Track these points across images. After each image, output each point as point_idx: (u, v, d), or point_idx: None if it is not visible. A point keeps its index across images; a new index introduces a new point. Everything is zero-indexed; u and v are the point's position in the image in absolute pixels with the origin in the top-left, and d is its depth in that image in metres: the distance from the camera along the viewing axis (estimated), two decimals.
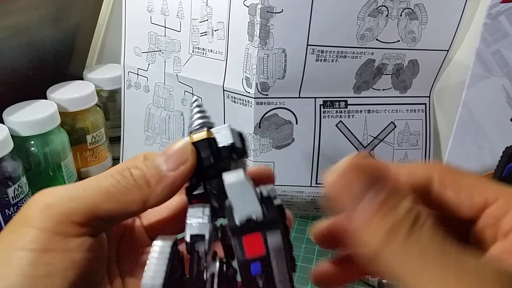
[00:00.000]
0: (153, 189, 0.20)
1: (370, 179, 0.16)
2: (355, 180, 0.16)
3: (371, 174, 0.16)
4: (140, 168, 0.20)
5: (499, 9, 0.33)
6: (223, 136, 0.21)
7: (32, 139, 0.45)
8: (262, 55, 0.42)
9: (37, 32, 0.51)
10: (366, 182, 0.16)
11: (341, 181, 0.17)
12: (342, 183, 0.16)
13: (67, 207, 0.19)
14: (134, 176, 0.20)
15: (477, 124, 0.37)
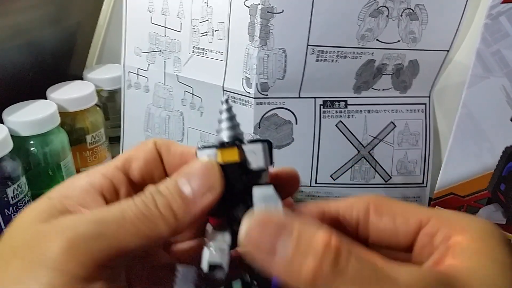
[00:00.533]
0: (180, 221, 0.19)
1: (275, 231, 0.16)
2: (261, 237, 0.16)
3: (275, 225, 0.17)
4: (164, 194, 0.19)
5: (499, 10, 0.33)
6: (254, 158, 0.19)
7: (32, 139, 0.44)
8: (262, 55, 0.42)
9: (37, 32, 0.50)
10: (272, 235, 0.16)
11: (250, 243, 0.17)
12: (252, 244, 0.17)
13: (91, 248, 0.17)
14: (159, 205, 0.19)
15: (477, 124, 0.37)
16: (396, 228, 0.20)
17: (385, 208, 0.20)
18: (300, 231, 0.16)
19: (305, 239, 0.16)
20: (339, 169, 0.47)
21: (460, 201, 0.40)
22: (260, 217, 0.17)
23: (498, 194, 0.38)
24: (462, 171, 0.39)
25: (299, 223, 0.17)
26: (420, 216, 0.19)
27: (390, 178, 0.47)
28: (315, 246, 0.16)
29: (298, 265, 0.16)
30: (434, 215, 0.19)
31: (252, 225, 0.17)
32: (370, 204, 0.20)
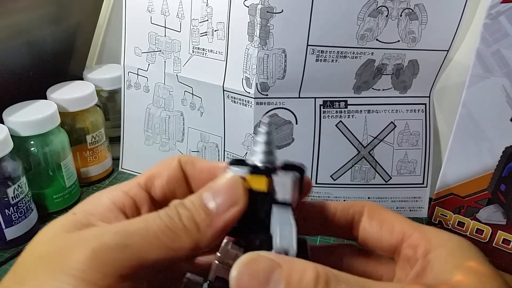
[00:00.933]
0: (203, 234, 0.19)
1: (264, 275, 0.17)
2: (251, 283, 0.17)
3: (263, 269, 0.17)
4: (188, 207, 0.19)
5: (499, 9, 0.33)
6: (282, 190, 0.20)
7: (32, 139, 0.45)
8: (262, 55, 0.42)
9: (37, 32, 0.51)
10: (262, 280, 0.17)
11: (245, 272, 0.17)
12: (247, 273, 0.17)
13: (115, 259, 0.17)
14: (183, 218, 0.19)
15: (477, 124, 0.37)
16: (381, 235, 0.22)
17: (377, 214, 0.22)
18: (290, 269, 0.17)
19: (295, 277, 0.17)
20: (339, 169, 0.47)
21: (460, 201, 0.40)
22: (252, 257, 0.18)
23: (498, 194, 0.38)
24: (462, 172, 0.39)
25: (288, 264, 0.17)
26: (405, 229, 0.21)
27: (390, 178, 0.47)
28: (306, 281, 0.16)
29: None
30: (417, 230, 0.21)
31: (244, 262, 0.17)
32: (365, 207, 0.23)
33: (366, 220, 0.23)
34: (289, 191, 0.20)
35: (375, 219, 0.22)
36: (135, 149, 0.55)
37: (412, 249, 0.21)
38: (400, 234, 0.21)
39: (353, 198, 0.48)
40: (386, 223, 0.22)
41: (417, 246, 0.20)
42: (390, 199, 0.48)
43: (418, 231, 0.21)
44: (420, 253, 0.20)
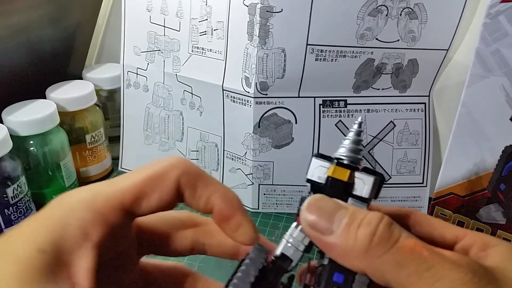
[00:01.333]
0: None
1: (332, 208, 0.19)
2: (320, 211, 0.19)
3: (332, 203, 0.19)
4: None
5: (498, 9, 0.33)
6: (361, 186, 0.20)
7: (31, 139, 0.45)
8: (262, 55, 0.42)
9: (37, 32, 0.51)
10: (329, 211, 0.19)
11: (310, 215, 0.19)
12: (312, 218, 0.19)
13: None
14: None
15: (477, 123, 0.37)
16: (433, 239, 0.21)
17: (425, 221, 0.22)
18: (354, 210, 0.18)
19: (360, 215, 0.18)
20: None
21: (460, 200, 0.40)
22: (321, 196, 0.19)
23: (498, 194, 0.38)
24: (461, 171, 0.39)
25: (353, 207, 0.19)
26: (457, 232, 0.21)
27: (390, 177, 0.47)
28: (369, 219, 0.18)
29: (354, 234, 0.17)
30: (470, 232, 0.21)
31: (312, 200, 0.19)
32: (412, 215, 0.22)
33: (415, 225, 0.22)
34: (369, 188, 0.20)
35: (425, 226, 0.22)
36: (134, 148, 0.55)
37: (464, 250, 0.20)
38: (453, 238, 0.21)
39: None
40: (437, 229, 0.21)
41: (471, 246, 0.20)
42: (389, 199, 0.48)
43: (471, 234, 0.21)
44: (475, 251, 0.20)
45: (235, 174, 0.50)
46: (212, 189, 0.20)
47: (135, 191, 0.19)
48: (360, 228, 0.17)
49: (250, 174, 0.48)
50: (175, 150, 0.53)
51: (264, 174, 0.48)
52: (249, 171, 0.48)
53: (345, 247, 0.18)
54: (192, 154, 0.52)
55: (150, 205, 0.20)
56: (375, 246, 0.17)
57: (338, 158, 0.21)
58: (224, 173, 0.50)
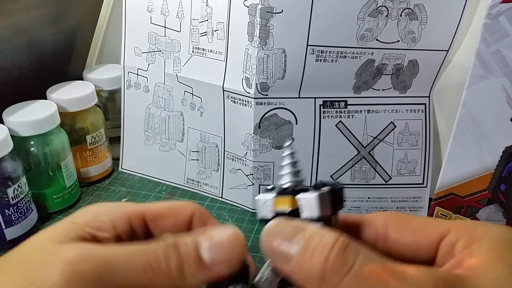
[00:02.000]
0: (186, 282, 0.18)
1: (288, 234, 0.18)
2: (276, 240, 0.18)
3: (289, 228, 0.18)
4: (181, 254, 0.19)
5: (499, 9, 0.33)
6: (308, 207, 0.19)
7: (32, 139, 0.45)
8: (262, 55, 0.42)
9: (37, 32, 0.51)
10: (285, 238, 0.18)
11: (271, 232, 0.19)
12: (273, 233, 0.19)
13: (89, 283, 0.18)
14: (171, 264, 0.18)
15: (477, 124, 0.37)
16: (418, 242, 0.20)
17: (405, 224, 0.21)
18: (311, 233, 0.18)
19: (315, 239, 0.17)
20: (339, 170, 0.47)
21: (460, 201, 0.40)
22: (279, 220, 0.19)
23: (499, 194, 0.38)
24: (462, 171, 0.39)
25: (312, 228, 0.18)
26: (441, 229, 0.20)
27: (390, 178, 0.47)
28: (324, 243, 0.17)
29: (308, 261, 0.17)
30: (453, 226, 0.20)
31: (271, 225, 0.19)
32: (389, 221, 0.21)
33: (395, 231, 0.21)
34: (315, 207, 0.19)
35: (405, 229, 0.21)
36: (135, 149, 0.55)
37: (449, 247, 0.19)
38: (437, 236, 0.20)
39: (353, 198, 0.48)
40: (419, 229, 0.20)
41: (456, 242, 0.19)
42: (390, 199, 0.48)
43: (455, 228, 0.19)
44: (460, 248, 0.19)
45: (236, 174, 0.50)
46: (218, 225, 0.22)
47: (156, 211, 0.23)
48: (314, 253, 0.17)
49: (250, 175, 0.48)
50: (176, 150, 0.53)
51: (264, 175, 0.48)
52: (250, 172, 0.48)
53: (303, 275, 0.17)
54: (192, 155, 0.52)
55: (165, 226, 0.23)
56: (329, 273, 0.16)
57: (280, 188, 0.21)
58: (224, 174, 0.51)
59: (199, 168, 0.52)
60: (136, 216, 0.22)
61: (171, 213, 0.23)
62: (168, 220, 0.23)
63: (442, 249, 0.20)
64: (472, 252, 0.18)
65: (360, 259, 0.16)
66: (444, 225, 0.20)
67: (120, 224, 0.21)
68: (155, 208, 0.23)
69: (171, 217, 0.23)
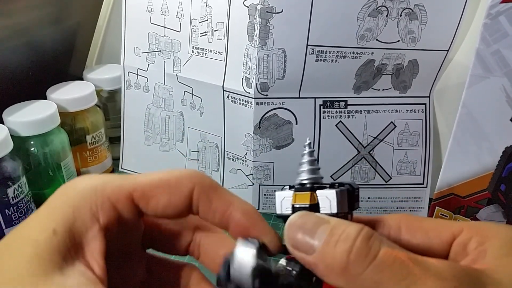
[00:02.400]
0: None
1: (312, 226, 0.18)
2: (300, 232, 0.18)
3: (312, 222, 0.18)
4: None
5: (499, 9, 0.33)
6: (327, 203, 0.20)
7: (32, 139, 0.45)
8: (262, 55, 0.42)
9: (37, 32, 0.51)
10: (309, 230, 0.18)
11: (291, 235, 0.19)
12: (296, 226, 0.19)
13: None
14: None
15: (477, 124, 0.37)
16: (430, 242, 0.20)
17: (417, 225, 0.21)
18: (335, 224, 0.18)
19: (339, 229, 0.17)
20: (339, 170, 0.47)
21: (460, 201, 0.40)
22: (303, 212, 0.19)
23: (499, 194, 0.38)
24: (462, 171, 0.39)
25: (335, 219, 0.18)
26: (453, 229, 0.20)
27: (391, 178, 0.47)
28: (348, 233, 0.17)
29: (332, 251, 0.17)
30: (465, 226, 0.20)
31: (294, 217, 0.19)
32: (401, 222, 0.21)
33: (407, 233, 0.21)
34: (334, 203, 0.19)
35: (417, 229, 0.21)
36: (135, 149, 0.55)
37: (461, 246, 0.19)
38: (450, 236, 0.20)
39: None
40: (432, 230, 0.20)
41: (468, 242, 0.19)
42: (390, 199, 0.48)
43: (467, 228, 0.20)
44: (473, 247, 0.19)
45: (236, 174, 0.50)
46: (228, 202, 0.20)
47: (146, 188, 0.19)
48: (338, 244, 0.17)
49: (250, 175, 0.48)
50: (176, 150, 0.53)
51: (264, 175, 0.48)
52: (250, 172, 0.48)
53: (325, 266, 0.17)
54: (192, 155, 0.52)
55: (157, 206, 0.20)
56: (353, 263, 0.16)
57: (299, 184, 0.21)
58: (224, 174, 0.50)
59: (199, 168, 0.52)
60: (121, 199, 0.19)
61: (164, 189, 0.20)
62: (161, 199, 0.19)
63: (454, 249, 0.20)
64: (485, 250, 0.18)
65: (385, 247, 0.17)
66: (456, 225, 0.20)
67: (104, 215, 0.19)
68: (144, 184, 0.20)
69: (165, 195, 0.20)
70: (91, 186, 0.19)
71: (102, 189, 0.19)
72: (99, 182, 0.19)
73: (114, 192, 0.19)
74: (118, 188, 0.19)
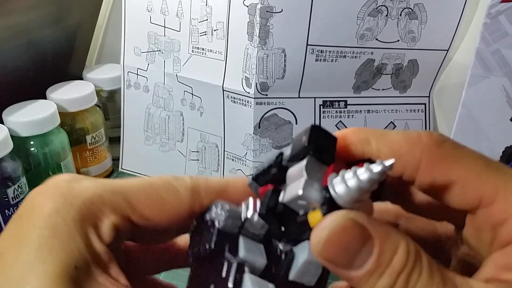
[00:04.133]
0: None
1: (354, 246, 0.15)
2: (346, 239, 0.15)
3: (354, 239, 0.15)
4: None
5: (499, 9, 0.33)
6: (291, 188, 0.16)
7: (32, 140, 0.45)
8: (262, 55, 0.42)
9: (37, 32, 0.51)
10: (358, 241, 0.15)
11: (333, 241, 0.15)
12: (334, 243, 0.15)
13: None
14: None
15: (477, 124, 0.37)
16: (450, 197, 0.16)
17: (441, 169, 0.16)
18: (381, 246, 0.15)
19: (385, 257, 0.15)
20: None
21: None
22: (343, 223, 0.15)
23: None
24: None
25: (381, 235, 0.15)
26: (482, 191, 0.15)
27: None
28: (394, 266, 0.15)
29: (375, 280, 0.15)
30: (502, 196, 0.15)
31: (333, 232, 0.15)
32: (423, 157, 0.16)
33: (426, 177, 0.16)
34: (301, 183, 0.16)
35: (439, 177, 0.16)
36: (135, 149, 0.55)
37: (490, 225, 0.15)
38: (475, 199, 0.15)
39: None
40: (457, 184, 0.16)
41: (502, 223, 0.15)
42: None
43: (503, 197, 0.15)
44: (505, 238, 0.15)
45: (236, 174, 0.50)
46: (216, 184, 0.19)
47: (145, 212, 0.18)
48: (383, 274, 0.15)
49: (250, 175, 0.48)
50: (176, 150, 0.53)
51: None
52: (250, 172, 0.48)
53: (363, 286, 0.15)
54: (192, 155, 0.52)
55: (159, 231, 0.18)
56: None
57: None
58: (224, 174, 0.50)
59: (199, 168, 0.52)
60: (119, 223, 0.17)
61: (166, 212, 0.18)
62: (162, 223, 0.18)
63: (481, 221, 0.16)
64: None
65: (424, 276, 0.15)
66: (490, 186, 0.15)
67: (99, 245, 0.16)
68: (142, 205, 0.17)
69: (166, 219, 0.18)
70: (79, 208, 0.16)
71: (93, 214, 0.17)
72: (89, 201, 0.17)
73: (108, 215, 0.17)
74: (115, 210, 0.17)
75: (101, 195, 0.17)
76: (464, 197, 0.15)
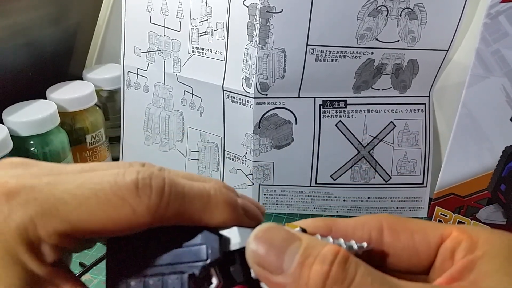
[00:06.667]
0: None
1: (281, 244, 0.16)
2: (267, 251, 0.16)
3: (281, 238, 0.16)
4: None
5: (498, 9, 0.33)
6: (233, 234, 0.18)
7: (32, 139, 0.45)
8: (262, 55, 0.42)
9: (37, 32, 0.51)
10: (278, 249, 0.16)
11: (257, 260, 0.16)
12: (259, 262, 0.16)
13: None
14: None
15: (477, 124, 0.37)
16: (416, 246, 0.18)
17: (401, 226, 0.19)
18: (309, 243, 0.16)
19: (314, 250, 0.16)
20: (339, 169, 0.47)
21: (460, 201, 0.40)
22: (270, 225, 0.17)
23: (498, 194, 0.38)
24: (462, 171, 0.39)
25: (308, 238, 0.16)
26: (441, 231, 0.18)
27: (390, 178, 0.47)
28: (324, 255, 0.16)
29: (306, 275, 0.15)
30: (455, 229, 0.18)
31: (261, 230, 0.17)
32: (383, 223, 0.19)
33: (390, 237, 0.19)
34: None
35: (402, 233, 0.19)
36: (134, 149, 0.55)
37: (449, 251, 0.18)
38: (437, 239, 0.18)
39: (353, 198, 0.48)
40: (417, 233, 0.19)
41: (457, 246, 0.18)
42: (390, 199, 0.48)
43: (457, 230, 0.18)
44: (460, 256, 0.17)
45: (235, 174, 0.50)
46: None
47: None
48: (313, 267, 0.15)
49: (250, 175, 0.48)
50: (176, 150, 0.53)
51: (264, 175, 0.48)
52: (249, 172, 0.48)
53: (297, 283, 0.16)
54: (192, 155, 0.52)
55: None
56: (329, 285, 0.15)
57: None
58: (224, 174, 0.50)
59: (199, 168, 0.52)
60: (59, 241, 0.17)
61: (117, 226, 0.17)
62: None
63: (441, 253, 0.18)
64: (474, 261, 0.17)
65: (362, 270, 0.16)
66: (445, 228, 0.18)
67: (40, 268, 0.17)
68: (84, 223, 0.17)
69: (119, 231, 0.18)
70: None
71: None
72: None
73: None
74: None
75: (32, 221, 0.16)
76: (428, 238, 0.18)
